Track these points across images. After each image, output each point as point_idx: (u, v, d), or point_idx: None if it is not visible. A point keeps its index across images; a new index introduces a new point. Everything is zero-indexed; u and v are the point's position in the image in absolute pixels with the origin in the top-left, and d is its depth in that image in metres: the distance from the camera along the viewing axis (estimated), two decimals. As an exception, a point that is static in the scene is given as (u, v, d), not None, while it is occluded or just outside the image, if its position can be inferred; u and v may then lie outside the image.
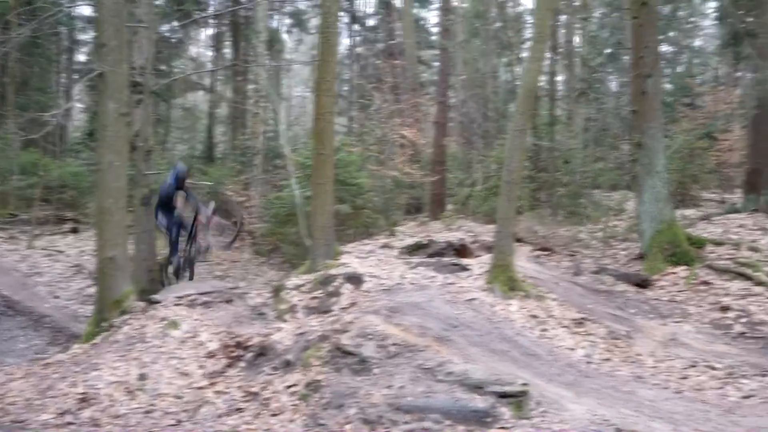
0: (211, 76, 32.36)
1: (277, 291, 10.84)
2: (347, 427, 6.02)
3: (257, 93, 24.35)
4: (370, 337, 7.34)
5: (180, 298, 10.12)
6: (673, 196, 16.03)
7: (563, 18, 25.24)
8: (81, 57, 27.46)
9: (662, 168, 13.51)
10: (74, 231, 20.69)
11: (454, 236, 15.43)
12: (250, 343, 8.78)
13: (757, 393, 7.75)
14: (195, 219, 11.74)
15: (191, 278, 12.07)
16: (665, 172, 13.78)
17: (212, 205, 12.26)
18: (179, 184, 11.44)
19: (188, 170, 12.01)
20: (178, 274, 12.08)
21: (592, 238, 16.82)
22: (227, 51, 33.30)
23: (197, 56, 37.05)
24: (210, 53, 36.67)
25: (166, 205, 11.44)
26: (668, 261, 12.97)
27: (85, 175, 20.76)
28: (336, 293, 10.31)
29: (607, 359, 8.80)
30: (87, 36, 23.81)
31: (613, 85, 33.48)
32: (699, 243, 13.47)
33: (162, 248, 13.21)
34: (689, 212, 19.39)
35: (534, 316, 9.74)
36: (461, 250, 14.54)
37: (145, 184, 13.72)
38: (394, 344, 7.19)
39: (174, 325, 9.08)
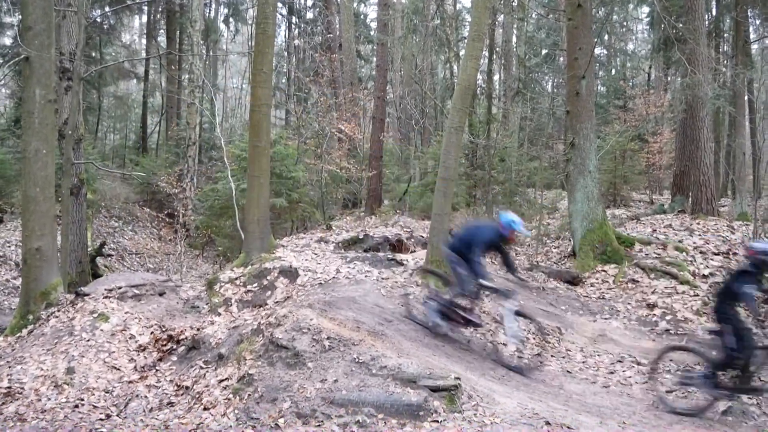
0: (145, 65, 31.65)
1: (210, 284, 10.72)
2: (280, 421, 5.99)
3: (192, 83, 23.94)
4: (305, 331, 7.32)
5: (110, 290, 9.90)
6: (604, 196, 16.46)
7: (501, 18, 25.61)
8: (6, 40, 26.37)
9: (594, 168, 13.82)
10: (-1, 221, 19.98)
11: (390, 231, 15.51)
12: (182, 337, 8.67)
13: (679, 388, 8.05)
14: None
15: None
16: (597, 172, 14.10)
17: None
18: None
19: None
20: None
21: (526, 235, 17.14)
22: (161, 39, 32.62)
23: (130, 44, 36.16)
24: (143, 41, 35.84)
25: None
26: (598, 259, 13.30)
27: (11, 163, 20.05)
28: (271, 287, 10.26)
29: (538, 354, 8.99)
30: (13, 18, 22.88)
31: (549, 85, 34.15)
32: (628, 242, 13.85)
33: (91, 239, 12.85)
34: (619, 212, 19.97)
35: (467, 311, 9.88)
36: (397, 245, 14.65)
37: (74, 173, 13.38)
38: (328, 338, 7.18)
39: (104, 317, 8.88)
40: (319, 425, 5.87)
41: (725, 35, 24.90)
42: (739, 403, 7.29)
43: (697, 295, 11.14)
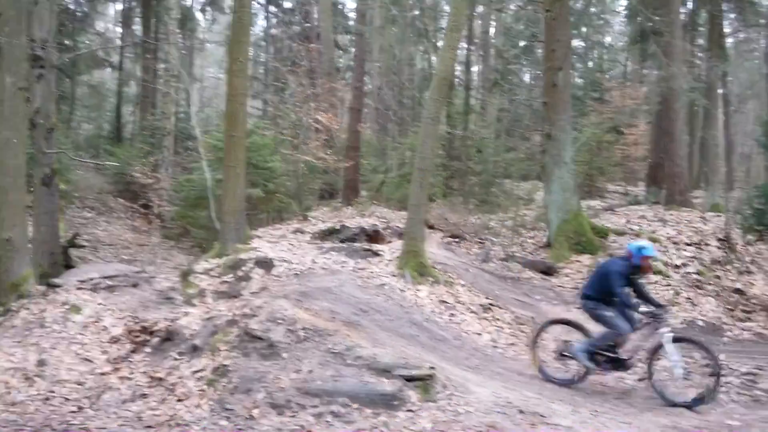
0: (120, 53, 31.23)
1: (185, 275, 10.63)
2: (255, 411, 5.98)
3: (168, 72, 23.70)
4: (280, 321, 7.30)
5: (83, 281, 9.79)
6: (579, 187, 16.61)
7: (479, 9, 25.60)
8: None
9: (570, 159, 13.91)
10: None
11: (367, 222, 15.51)
12: (156, 328, 8.57)
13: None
14: None
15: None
16: (573, 164, 14.20)
17: None
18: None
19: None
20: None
21: (502, 226, 17.21)
22: (137, 27, 32.20)
23: (105, 31, 35.65)
24: (118, 29, 35.37)
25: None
26: (573, 249, 13.42)
27: (-19, 152, 19.70)
28: (246, 277, 10.20)
29: (513, 344, 9.03)
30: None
31: (527, 77, 34.22)
32: (603, 233, 13.99)
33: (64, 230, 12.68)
34: (594, 203, 20.16)
35: (443, 302, 9.91)
36: (373, 236, 14.64)
37: (46, 163, 13.17)
38: (303, 329, 7.17)
39: (76, 309, 8.76)
40: (293, 415, 5.87)
41: (700, 29, 25.11)
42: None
43: (670, 285, 11.28)
